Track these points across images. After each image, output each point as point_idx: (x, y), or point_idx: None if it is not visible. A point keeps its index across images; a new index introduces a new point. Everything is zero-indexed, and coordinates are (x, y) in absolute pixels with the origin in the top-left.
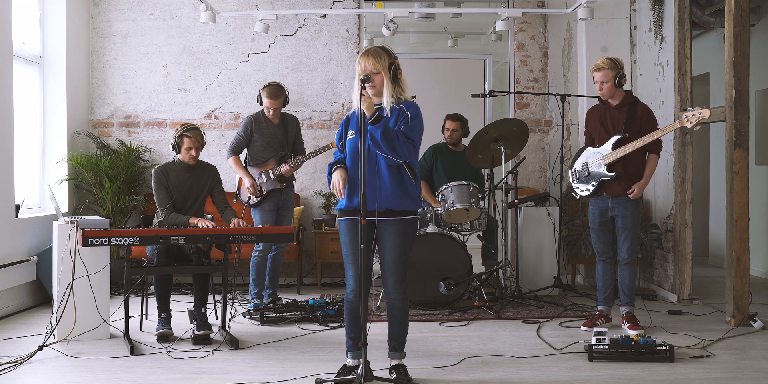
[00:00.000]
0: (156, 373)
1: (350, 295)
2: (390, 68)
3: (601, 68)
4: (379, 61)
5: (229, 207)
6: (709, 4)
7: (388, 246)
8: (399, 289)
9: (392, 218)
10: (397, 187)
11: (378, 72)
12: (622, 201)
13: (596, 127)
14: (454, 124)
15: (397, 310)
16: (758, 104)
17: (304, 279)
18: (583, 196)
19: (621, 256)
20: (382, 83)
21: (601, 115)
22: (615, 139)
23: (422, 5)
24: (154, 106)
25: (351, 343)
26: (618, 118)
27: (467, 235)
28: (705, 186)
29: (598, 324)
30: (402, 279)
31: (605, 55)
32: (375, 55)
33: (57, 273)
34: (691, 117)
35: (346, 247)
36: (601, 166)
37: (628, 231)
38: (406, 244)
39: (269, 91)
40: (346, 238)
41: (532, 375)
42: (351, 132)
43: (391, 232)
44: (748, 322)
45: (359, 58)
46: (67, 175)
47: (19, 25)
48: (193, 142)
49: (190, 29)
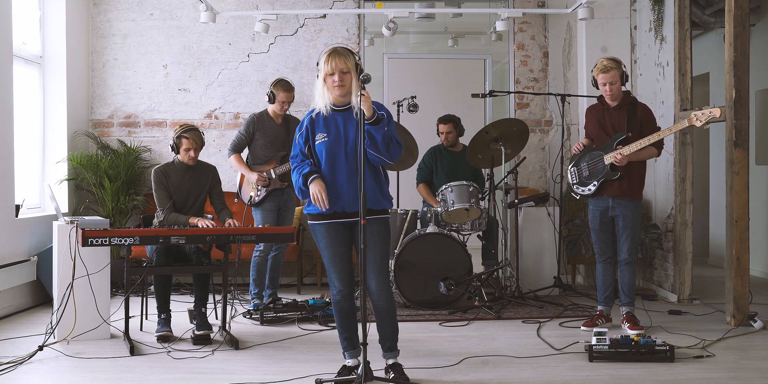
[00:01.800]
0: (156, 373)
1: (338, 297)
2: (356, 68)
3: (610, 68)
4: (348, 60)
5: (226, 208)
6: (709, 4)
7: (371, 245)
8: (385, 290)
9: (373, 217)
10: (375, 186)
11: (348, 71)
12: (622, 201)
13: (594, 128)
14: (447, 127)
15: (385, 312)
16: (758, 104)
17: (304, 279)
18: (583, 196)
19: (621, 256)
20: (351, 83)
21: (599, 115)
22: (619, 139)
23: (422, 5)
24: (154, 106)
25: (346, 344)
26: (618, 118)
27: (467, 235)
28: (705, 186)
29: (598, 324)
30: (386, 278)
31: (605, 55)
32: (345, 55)
33: (57, 273)
34: (701, 116)
35: (329, 250)
36: (603, 165)
37: (629, 231)
38: (386, 241)
39: (285, 84)
40: (326, 242)
41: (532, 375)
42: (321, 135)
43: (372, 232)
44: (748, 322)
45: (326, 56)
46: (67, 175)
47: (19, 25)
48: (192, 143)
49: (190, 29)
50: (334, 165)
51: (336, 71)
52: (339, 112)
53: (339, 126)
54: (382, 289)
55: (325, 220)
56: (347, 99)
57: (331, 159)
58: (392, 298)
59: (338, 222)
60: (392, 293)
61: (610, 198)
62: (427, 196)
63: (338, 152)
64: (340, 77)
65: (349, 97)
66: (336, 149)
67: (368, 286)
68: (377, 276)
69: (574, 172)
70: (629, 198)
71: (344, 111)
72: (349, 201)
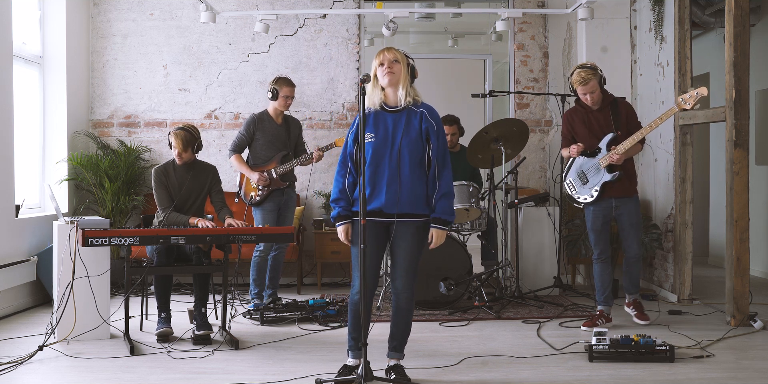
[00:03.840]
0: (156, 373)
1: (356, 296)
2: (408, 64)
3: (588, 80)
4: (398, 53)
5: (226, 207)
6: (709, 4)
7: (403, 246)
8: (408, 290)
9: (410, 219)
10: (419, 191)
11: (397, 61)
12: (625, 200)
13: (583, 133)
14: (451, 128)
15: (403, 311)
16: (758, 104)
17: (304, 279)
18: (586, 204)
19: (631, 251)
20: (401, 72)
21: (583, 118)
22: (608, 139)
23: (422, 5)
24: (154, 106)
25: (353, 343)
26: (604, 119)
27: (467, 235)
28: (705, 186)
29: (598, 324)
30: (412, 281)
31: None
32: (394, 49)
33: (57, 273)
34: (688, 98)
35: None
36: (600, 170)
37: (635, 227)
38: (420, 244)
39: (286, 80)
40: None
41: (532, 375)
42: (369, 134)
43: (406, 232)
44: (748, 322)
45: (378, 53)
46: (67, 175)
47: (19, 25)
48: (178, 143)
49: (190, 29)
50: (378, 165)
51: (386, 61)
52: (390, 113)
53: (388, 127)
54: (407, 289)
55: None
56: (393, 90)
57: (375, 160)
58: (413, 301)
59: (374, 220)
60: (414, 296)
61: (612, 199)
62: None
63: (383, 154)
64: (390, 65)
65: (395, 87)
66: (382, 151)
67: (393, 284)
68: (404, 276)
69: (571, 183)
70: (629, 195)
71: (395, 112)
72: (388, 203)
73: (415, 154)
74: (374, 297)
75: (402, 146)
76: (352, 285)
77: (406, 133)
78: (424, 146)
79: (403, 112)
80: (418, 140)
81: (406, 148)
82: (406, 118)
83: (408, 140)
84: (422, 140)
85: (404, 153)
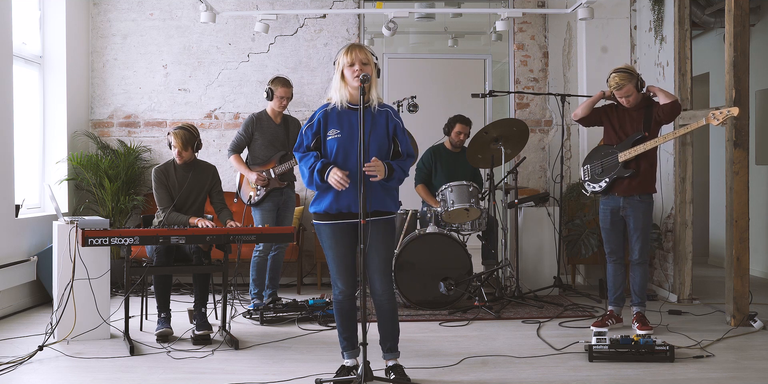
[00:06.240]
0: (156, 373)
1: (339, 297)
2: (375, 65)
3: (622, 85)
4: (368, 53)
5: (226, 208)
6: (709, 4)
7: (376, 245)
8: (388, 290)
9: (379, 218)
10: (384, 188)
11: (367, 63)
12: (633, 201)
13: (614, 127)
14: (467, 128)
15: (387, 312)
16: (758, 104)
17: (304, 279)
18: (594, 192)
19: (633, 256)
20: (372, 74)
21: (618, 115)
22: (636, 138)
23: (422, 5)
24: (154, 106)
25: (346, 344)
26: (636, 119)
27: (467, 235)
28: (705, 186)
29: (608, 324)
30: (389, 279)
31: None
32: (364, 49)
33: (57, 273)
34: (718, 115)
35: (333, 250)
36: (617, 165)
37: (640, 232)
38: (391, 243)
39: (283, 80)
40: (331, 242)
41: (532, 375)
42: (334, 130)
43: (377, 232)
44: (748, 322)
45: (346, 50)
46: (67, 175)
47: (19, 25)
48: (177, 142)
49: (190, 29)
50: (346, 162)
51: (356, 61)
52: (355, 111)
53: (353, 125)
54: (385, 289)
55: (330, 221)
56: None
57: (343, 156)
58: (394, 299)
59: (344, 222)
60: (394, 293)
61: (621, 197)
62: (425, 196)
63: (350, 151)
64: (361, 67)
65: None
66: (349, 147)
67: (372, 287)
68: (381, 276)
69: (587, 169)
70: (640, 196)
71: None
72: (357, 201)
73: (382, 151)
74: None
75: (369, 143)
76: (333, 287)
77: (373, 130)
78: (390, 144)
79: (367, 110)
80: (385, 138)
81: (374, 144)
82: (372, 116)
83: (375, 137)
84: (389, 138)
85: (372, 149)
